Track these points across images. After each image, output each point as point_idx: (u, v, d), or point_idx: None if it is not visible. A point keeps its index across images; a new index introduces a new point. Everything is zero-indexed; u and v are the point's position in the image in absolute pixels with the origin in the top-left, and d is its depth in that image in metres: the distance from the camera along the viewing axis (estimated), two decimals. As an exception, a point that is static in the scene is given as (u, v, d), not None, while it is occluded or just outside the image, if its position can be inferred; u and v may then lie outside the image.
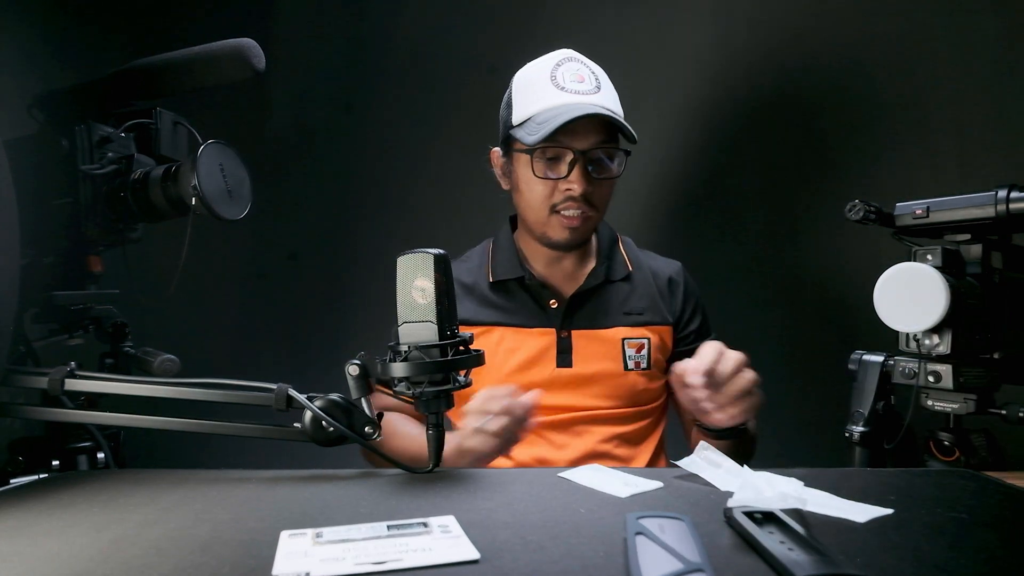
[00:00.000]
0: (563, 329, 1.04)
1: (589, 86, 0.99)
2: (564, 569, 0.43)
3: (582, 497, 0.58)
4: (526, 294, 1.07)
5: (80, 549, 0.48)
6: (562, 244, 1.04)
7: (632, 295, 1.07)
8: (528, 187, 1.01)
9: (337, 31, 1.69)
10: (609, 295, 1.07)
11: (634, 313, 1.06)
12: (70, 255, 0.87)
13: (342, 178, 1.69)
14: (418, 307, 0.63)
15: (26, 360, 0.83)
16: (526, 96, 1.01)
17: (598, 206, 1.02)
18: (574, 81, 0.98)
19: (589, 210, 1.00)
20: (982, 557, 0.45)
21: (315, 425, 0.64)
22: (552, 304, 1.05)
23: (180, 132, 0.94)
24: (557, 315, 1.04)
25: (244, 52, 0.84)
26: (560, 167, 0.98)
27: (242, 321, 1.67)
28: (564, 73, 0.99)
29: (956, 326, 0.80)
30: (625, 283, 1.08)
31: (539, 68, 1.02)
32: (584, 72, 1.00)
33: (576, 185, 0.97)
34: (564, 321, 1.04)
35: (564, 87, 0.98)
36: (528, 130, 0.98)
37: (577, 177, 0.97)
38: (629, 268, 1.10)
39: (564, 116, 0.93)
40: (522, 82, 1.03)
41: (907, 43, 1.38)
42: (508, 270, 1.08)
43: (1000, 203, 0.78)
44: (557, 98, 0.97)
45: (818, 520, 0.51)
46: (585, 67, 1.01)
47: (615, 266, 1.09)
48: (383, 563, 0.43)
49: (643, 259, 1.13)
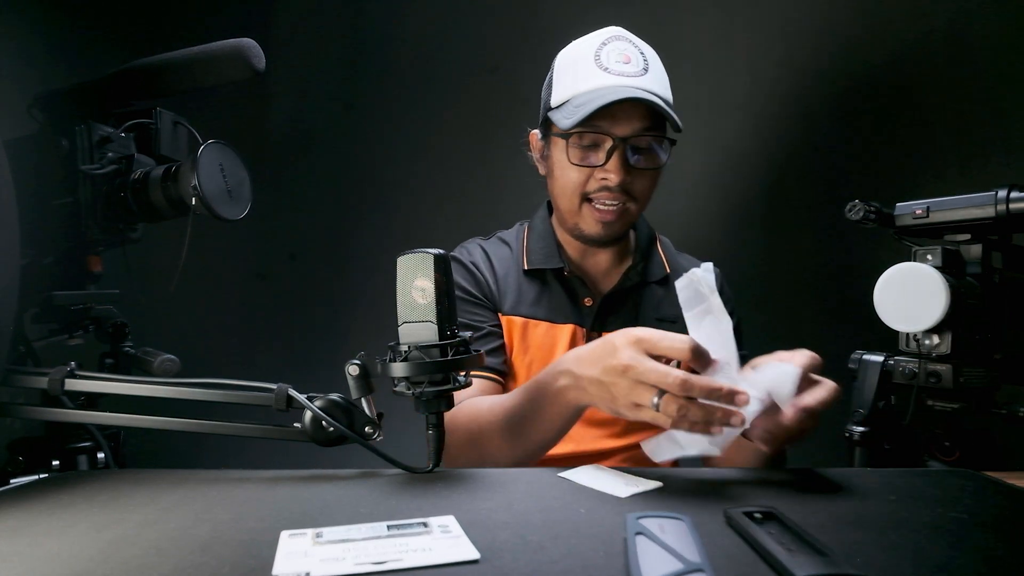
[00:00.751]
0: (594, 329, 0.98)
1: (636, 67, 0.91)
2: (564, 569, 0.43)
3: (582, 497, 0.58)
4: (561, 287, 1.01)
5: (80, 549, 0.48)
6: (594, 239, 0.97)
7: (666, 300, 1.01)
8: (562, 172, 0.95)
9: (337, 31, 1.69)
10: (644, 298, 1.01)
11: (667, 320, 0.99)
12: (70, 255, 0.87)
13: (342, 178, 1.69)
14: (418, 307, 0.63)
15: (26, 360, 0.83)
16: (568, 76, 0.94)
17: (638, 198, 0.94)
18: (619, 62, 0.91)
19: (627, 201, 0.94)
20: (982, 557, 0.45)
21: (315, 425, 0.64)
22: (587, 302, 1.00)
23: (180, 132, 0.94)
24: (590, 314, 0.99)
25: (244, 52, 0.84)
26: (598, 154, 0.92)
27: (242, 321, 1.67)
28: (610, 52, 0.92)
29: (956, 326, 0.80)
30: (660, 286, 1.02)
31: (584, 46, 0.95)
32: (631, 52, 0.92)
33: (613, 174, 0.90)
34: (596, 321, 0.98)
35: (608, 68, 0.91)
36: (565, 113, 0.92)
37: (615, 166, 0.90)
38: (667, 270, 1.04)
39: (602, 99, 0.86)
40: (565, 61, 0.97)
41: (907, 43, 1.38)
42: (545, 259, 1.02)
43: (1000, 203, 0.78)
44: (599, 79, 0.90)
45: (818, 520, 0.51)
46: (633, 47, 0.93)
47: (652, 267, 1.03)
48: (383, 563, 0.43)
49: (680, 262, 1.07)
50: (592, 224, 0.95)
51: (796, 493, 0.58)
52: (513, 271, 1.03)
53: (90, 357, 0.86)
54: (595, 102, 0.87)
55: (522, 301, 1.00)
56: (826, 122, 1.45)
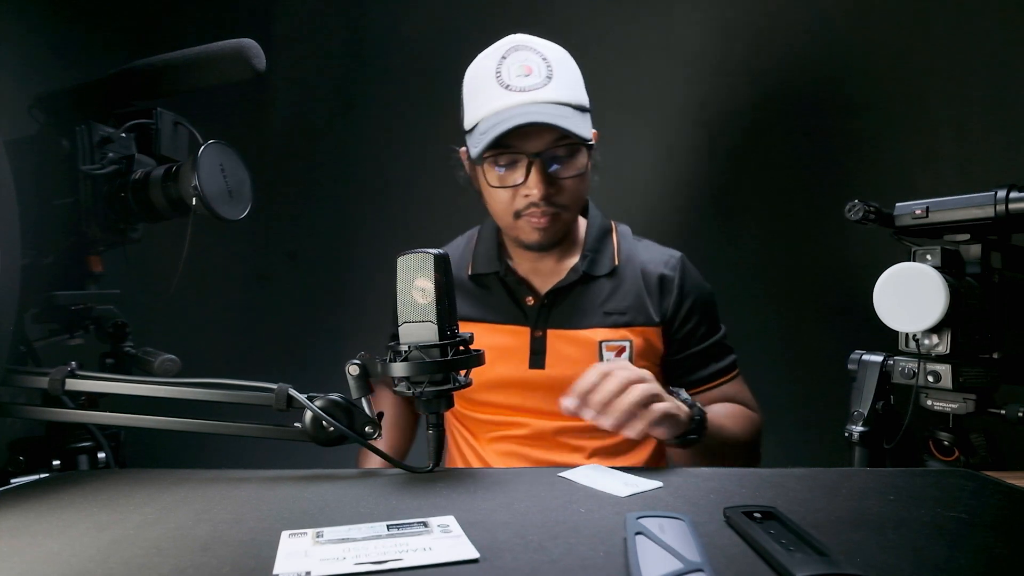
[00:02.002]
0: (538, 328, 0.98)
1: (537, 79, 0.89)
2: (564, 569, 0.43)
3: (582, 497, 0.58)
4: (503, 289, 1.01)
5: (80, 549, 0.48)
6: (535, 246, 0.97)
7: (615, 293, 0.99)
8: (489, 195, 0.95)
9: (337, 31, 1.69)
10: (589, 293, 0.99)
11: (615, 313, 0.98)
12: (70, 255, 0.87)
13: (342, 178, 1.69)
14: (418, 307, 0.63)
15: (26, 360, 0.83)
16: (473, 98, 0.94)
17: (567, 205, 0.94)
18: (520, 75, 0.89)
19: (556, 210, 0.93)
20: (982, 557, 0.45)
21: (315, 425, 0.64)
22: (528, 301, 0.99)
23: (180, 132, 0.94)
24: (532, 313, 0.99)
25: (244, 52, 0.84)
26: (516, 172, 0.91)
27: (242, 321, 1.67)
28: (510, 67, 0.90)
29: (956, 326, 0.80)
30: (608, 279, 1.00)
31: (486, 63, 0.93)
32: (532, 61, 0.90)
33: (535, 190, 0.90)
34: (539, 320, 0.98)
35: (509, 84, 0.89)
36: (474, 140, 0.92)
37: (535, 182, 0.90)
38: (616, 263, 1.01)
39: (504, 124, 0.86)
40: (469, 82, 0.96)
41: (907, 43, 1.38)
42: (486, 264, 1.02)
43: (1000, 203, 0.78)
44: (501, 100, 0.89)
45: (818, 520, 0.51)
46: (535, 54, 0.91)
47: (599, 260, 1.01)
48: (383, 563, 0.43)
49: (637, 251, 1.04)
50: (530, 232, 0.95)
51: (796, 493, 0.58)
52: (460, 276, 1.03)
53: (90, 357, 0.86)
54: (497, 128, 0.87)
55: (463, 304, 1.00)
56: (826, 121, 1.45)
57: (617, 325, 0.98)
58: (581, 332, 0.97)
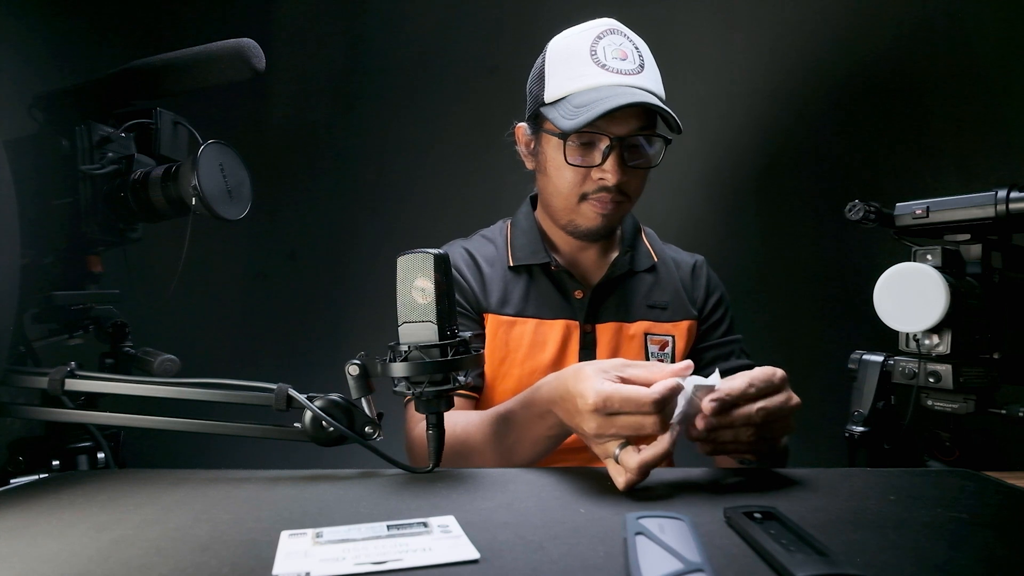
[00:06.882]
0: (587, 323, 0.98)
1: (632, 64, 0.89)
2: (564, 569, 0.43)
3: (582, 497, 0.58)
4: (549, 282, 1.00)
5: (80, 549, 0.48)
6: (591, 233, 0.96)
7: (656, 287, 1.02)
8: (558, 172, 0.93)
9: (337, 31, 1.69)
10: (634, 286, 1.01)
11: (658, 307, 1.00)
12: (70, 255, 0.87)
13: (342, 178, 1.69)
14: (418, 307, 0.63)
15: (26, 360, 0.83)
16: (563, 70, 0.91)
17: (631, 195, 0.94)
18: (616, 58, 0.88)
19: (622, 199, 0.93)
20: (982, 557, 0.45)
21: (315, 425, 0.64)
22: (577, 295, 0.98)
23: (180, 132, 0.94)
24: (582, 307, 0.98)
25: (244, 52, 0.84)
26: (594, 154, 0.90)
27: (242, 321, 1.67)
28: (606, 47, 0.89)
29: (956, 326, 0.80)
30: (649, 274, 1.02)
31: (578, 39, 0.91)
32: (627, 48, 0.90)
33: (610, 175, 0.89)
34: (588, 314, 0.98)
35: (606, 64, 0.88)
36: (564, 112, 0.89)
37: (612, 166, 0.88)
38: (654, 259, 1.04)
39: (607, 103, 0.84)
40: (559, 54, 0.93)
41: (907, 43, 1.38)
42: (531, 255, 1.00)
43: (1000, 203, 0.78)
44: (598, 77, 0.87)
45: (818, 520, 0.51)
46: (628, 42, 0.91)
47: (639, 256, 1.03)
48: (383, 563, 0.43)
49: (666, 251, 1.08)
50: (591, 218, 0.94)
51: (796, 493, 0.58)
52: (499, 269, 1.01)
53: (90, 357, 0.86)
54: (599, 104, 0.84)
55: (508, 299, 0.99)
56: (826, 121, 1.45)
57: (661, 320, 1.00)
58: (629, 325, 0.99)
